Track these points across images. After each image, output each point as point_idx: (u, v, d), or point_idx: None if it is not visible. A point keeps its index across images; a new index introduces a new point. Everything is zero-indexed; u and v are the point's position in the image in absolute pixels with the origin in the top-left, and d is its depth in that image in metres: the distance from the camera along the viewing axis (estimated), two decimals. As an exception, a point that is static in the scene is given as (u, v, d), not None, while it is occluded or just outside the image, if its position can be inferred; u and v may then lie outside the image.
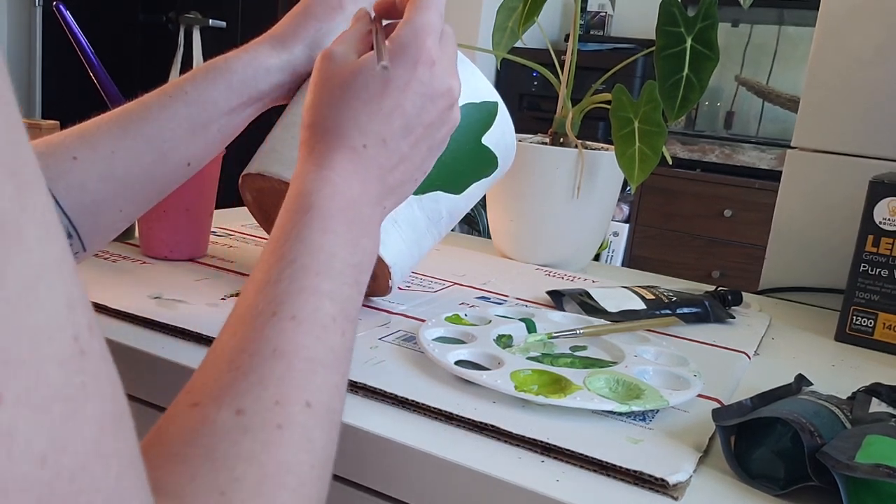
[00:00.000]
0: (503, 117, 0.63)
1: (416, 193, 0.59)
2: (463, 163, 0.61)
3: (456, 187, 0.62)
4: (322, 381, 0.35)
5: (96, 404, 0.20)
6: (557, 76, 0.88)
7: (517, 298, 0.72)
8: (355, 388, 0.48)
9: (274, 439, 0.30)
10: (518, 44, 0.90)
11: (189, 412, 0.31)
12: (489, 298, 0.71)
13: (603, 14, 3.04)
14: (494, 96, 0.62)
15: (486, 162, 0.63)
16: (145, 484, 0.22)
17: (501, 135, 0.63)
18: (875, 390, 0.49)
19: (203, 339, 0.54)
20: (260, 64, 0.58)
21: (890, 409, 0.46)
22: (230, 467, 0.29)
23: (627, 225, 2.76)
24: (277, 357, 0.34)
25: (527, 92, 2.79)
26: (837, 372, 0.63)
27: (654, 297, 0.70)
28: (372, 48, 0.46)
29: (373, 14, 0.51)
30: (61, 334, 0.19)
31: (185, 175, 0.57)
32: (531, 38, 0.99)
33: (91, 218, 0.53)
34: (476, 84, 0.60)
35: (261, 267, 0.39)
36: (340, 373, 0.37)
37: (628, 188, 1.59)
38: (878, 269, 0.68)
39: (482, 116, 0.61)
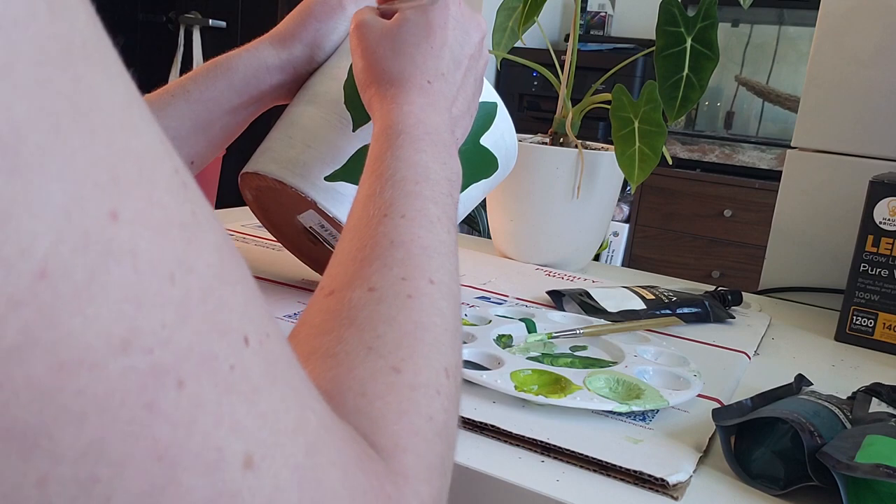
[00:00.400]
0: (502, 118, 0.62)
1: None
2: (462, 165, 0.61)
3: None
4: (439, 264, 0.37)
5: (210, 234, 0.19)
6: (557, 76, 0.88)
7: (517, 298, 0.72)
8: (355, 387, 0.48)
9: (406, 305, 0.33)
10: (518, 44, 0.90)
11: (325, 300, 0.34)
12: (489, 298, 0.71)
13: (603, 14, 3.04)
14: (493, 97, 0.62)
15: (485, 163, 0.63)
16: (272, 316, 0.22)
17: (501, 136, 0.63)
18: (875, 390, 0.49)
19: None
20: (261, 62, 0.59)
21: (890, 409, 0.46)
22: (372, 328, 0.31)
23: (627, 225, 2.76)
24: (396, 246, 0.36)
25: (527, 92, 2.78)
26: (837, 372, 0.63)
27: (654, 297, 0.70)
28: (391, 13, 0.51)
29: None
30: (163, 163, 0.18)
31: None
32: (531, 38, 0.99)
33: None
34: None
35: (363, 187, 0.42)
36: (453, 261, 0.39)
37: (628, 188, 1.59)
38: (878, 269, 0.68)
39: (480, 116, 0.61)
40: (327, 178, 0.56)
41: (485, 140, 0.62)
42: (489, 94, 0.62)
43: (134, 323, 0.16)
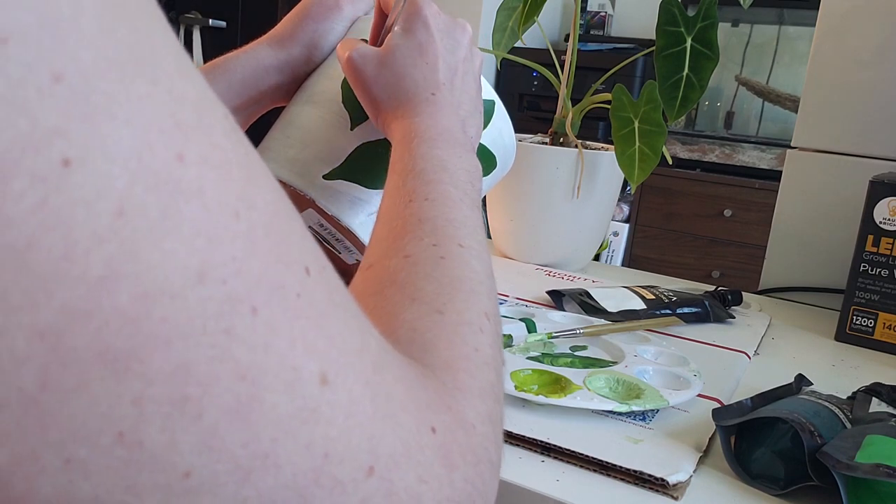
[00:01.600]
0: (500, 117, 0.62)
1: None
2: None
3: None
4: (466, 232, 0.39)
5: (263, 173, 0.21)
6: (557, 76, 0.88)
7: (517, 298, 0.72)
8: (355, 387, 0.48)
9: (441, 265, 0.35)
10: (518, 44, 0.90)
11: (366, 272, 0.36)
12: (489, 298, 0.71)
13: (603, 14, 3.04)
14: (491, 95, 0.62)
15: (484, 160, 0.63)
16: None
17: (499, 134, 0.63)
18: (875, 390, 0.49)
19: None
20: (259, 64, 0.59)
21: (890, 409, 0.46)
22: (411, 283, 0.33)
23: (627, 225, 2.76)
24: (423, 222, 0.38)
25: (527, 92, 2.78)
26: (837, 372, 0.63)
27: (654, 297, 0.70)
28: (376, 39, 0.54)
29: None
30: (215, 108, 0.20)
31: None
32: (531, 38, 0.99)
33: None
34: None
35: (387, 186, 0.44)
36: (480, 233, 0.41)
37: (628, 188, 1.59)
38: (878, 269, 0.68)
39: None
40: (326, 177, 0.56)
41: (483, 138, 0.62)
42: (487, 92, 0.62)
43: (207, 256, 0.18)
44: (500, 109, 0.62)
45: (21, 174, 0.15)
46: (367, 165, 0.57)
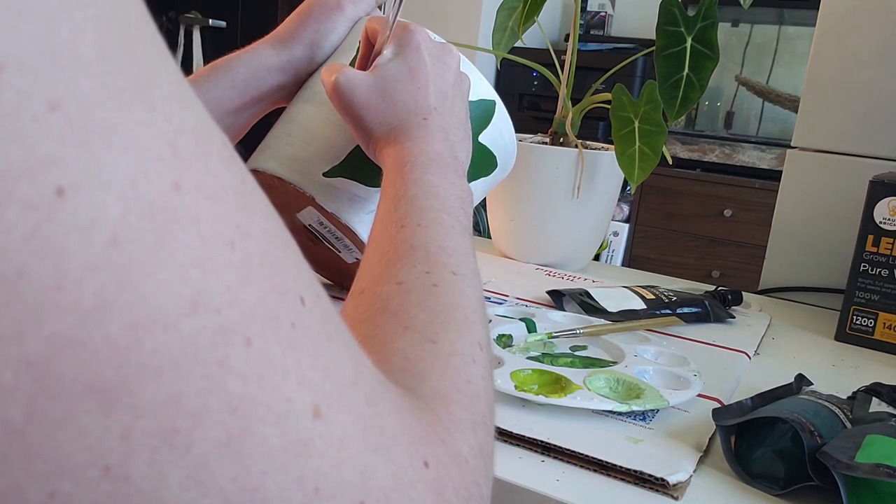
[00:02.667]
0: (501, 117, 0.63)
1: None
2: None
3: None
4: (458, 260, 0.39)
5: (259, 202, 0.21)
6: (557, 76, 0.88)
7: (517, 298, 0.72)
8: (355, 387, 0.48)
9: (433, 293, 0.35)
10: (518, 44, 0.90)
11: (357, 298, 0.36)
12: (489, 298, 0.71)
13: (603, 14, 3.04)
14: (492, 95, 0.62)
15: (484, 160, 0.63)
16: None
17: (499, 133, 0.63)
18: (875, 390, 0.49)
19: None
20: (261, 64, 0.59)
21: (890, 409, 0.46)
22: (404, 311, 0.33)
23: (627, 225, 2.76)
24: (415, 248, 0.38)
25: (527, 92, 2.78)
26: (837, 372, 0.63)
27: (654, 297, 0.70)
28: (364, 67, 0.54)
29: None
30: (213, 135, 0.19)
31: None
32: (531, 38, 0.99)
33: None
34: (474, 83, 0.61)
35: (379, 212, 0.44)
36: (472, 260, 0.40)
37: (628, 188, 1.59)
38: (878, 269, 0.68)
39: (479, 114, 0.61)
40: (325, 174, 0.57)
41: (483, 138, 0.62)
42: (487, 91, 0.62)
43: (201, 286, 0.18)
44: (500, 109, 0.62)
45: (14, 203, 0.15)
46: (367, 164, 0.57)
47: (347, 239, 0.59)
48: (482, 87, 0.61)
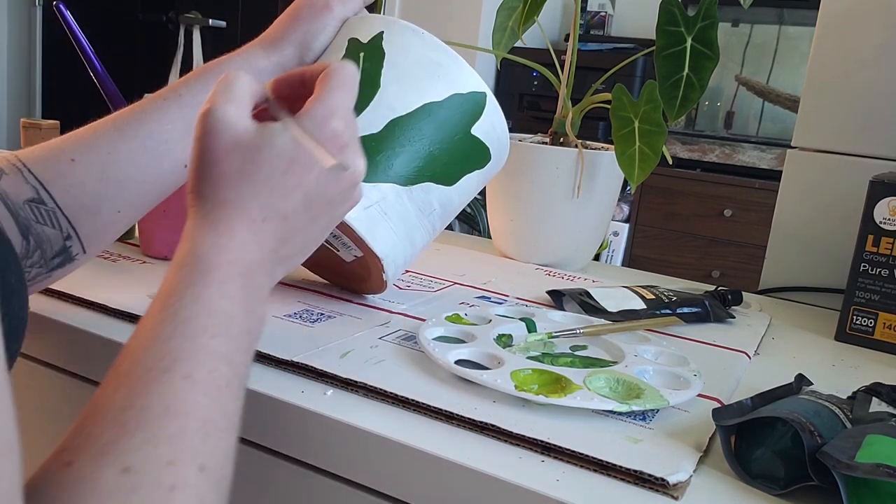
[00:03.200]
0: (492, 109, 0.63)
1: (405, 184, 0.59)
2: (452, 154, 0.61)
3: (447, 178, 0.62)
4: (216, 444, 0.34)
5: None
6: (557, 76, 0.88)
7: (517, 298, 0.72)
8: (355, 387, 0.48)
9: (167, 499, 0.29)
10: (518, 44, 0.90)
11: (65, 472, 0.29)
12: (489, 298, 0.71)
13: (603, 14, 3.04)
14: (482, 87, 0.62)
15: (477, 153, 0.63)
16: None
17: (491, 126, 0.63)
18: (875, 390, 0.49)
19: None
20: (252, 66, 0.59)
21: (890, 409, 0.46)
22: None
23: (627, 225, 2.76)
24: (171, 415, 0.33)
25: (527, 92, 2.78)
26: (837, 372, 0.63)
27: (654, 297, 0.70)
28: (270, 118, 0.45)
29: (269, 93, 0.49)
30: None
31: (183, 177, 0.58)
32: (531, 38, 0.99)
33: (90, 219, 0.53)
34: (462, 75, 0.61)
35: (148, 323, 0.37)
36: (232, 440, 0.36)
37: (628, 188, 1.59)
38: (878, 269, 0.68)
39: (470, 107, 0.61)
40: None
41: (476, 130, 0.62)
42: (478, 84, 0.62)
43: None
44: (491, 102, 0.63)
45: None
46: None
47: (346, 237, 0.59)
48: (472, 80, 0.61)
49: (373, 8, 0.67)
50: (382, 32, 0.61)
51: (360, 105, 0.58)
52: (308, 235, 0.46)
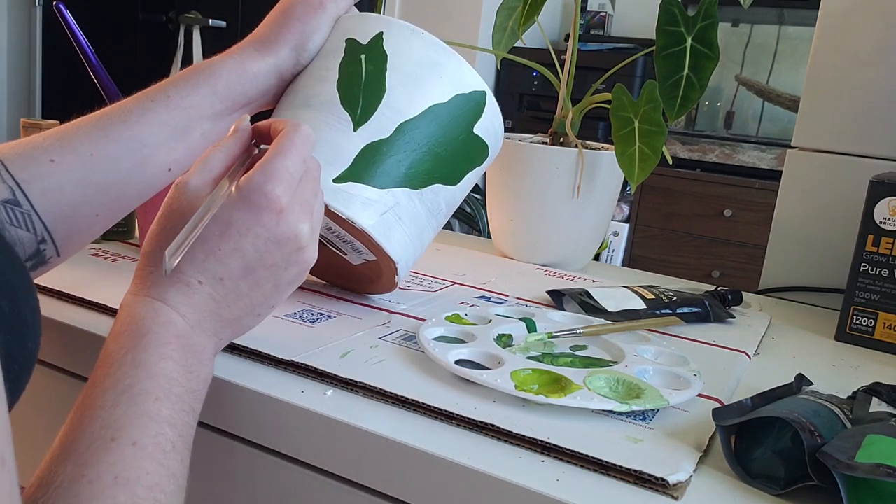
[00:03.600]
0: (491, 106, 0.63)
1: (416, 187, 0.59)
2: (458, 154, 0.61)
3: (453, 179, 0.62)
4: None
5: None
6: (557, 76, 0.88)
7: (517, 298, 0.72)
8: (355, 387, 0.48)
9: None
10: (518, 44, 0.90)
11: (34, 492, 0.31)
12: (489, 298, 0.71)
13: (603, 14, 3.04)
14: (482, 86, 0.62)
15: (478, 151, 0.64)
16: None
17: (490, 123, 0.63)
18: (875, 390, 0.49)
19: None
20: (246, 69, 0.57)
21: (890, 409, 0.46)
22: None
23: (627, 225, 2.76)
24: (120, 485, 0.33)
25: (527, 92, 2.78)
26: (837, 372, 0.63)
27: (654, 297, 0.70)
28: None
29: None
30: None
31: (165, 180, 0.56)
32: (531, 38, 0.99)
33: (67, 223, 0.51)
34: (463, 75, 0.61)
35: (92, 393, 0.38)
36: (181, 499, 0.37)
37: (628, 188, 1.59)
38: (878, 269, 0.68)
39: (472, 107, 0.61)
40: (335, 180, 0.56)
41: (477, 129, 0.62)
42: (478, 83, 0.62)
43: None
44: (490, 100, 0.63)
45: None
46: (375, 166, 0.57)
47: (358, 242, 0.59)
48: (473, 79, 0.61)
49: (372, 8, 0.66)
50: (382, 33, 0.60)
51: (368, 110, 0.58)
52: (252, 300, 0.46)
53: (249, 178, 0.45)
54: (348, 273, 0.66)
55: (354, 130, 0.57)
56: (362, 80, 0.59)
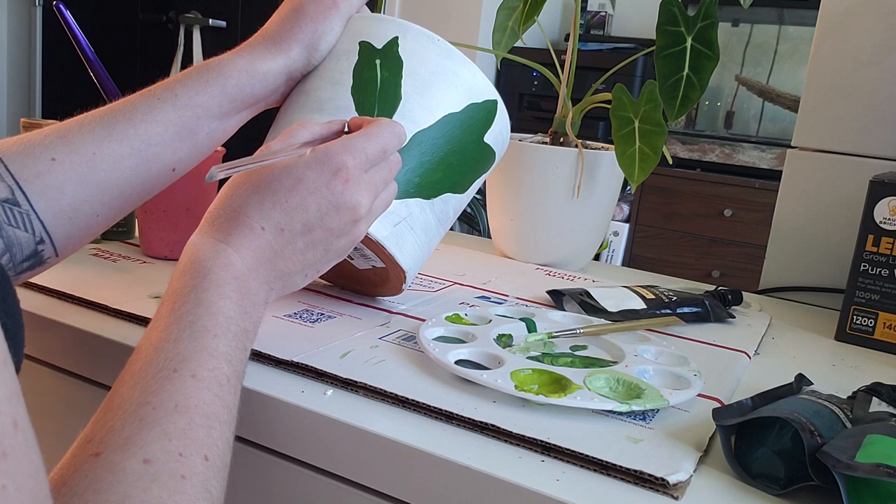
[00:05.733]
0: (501, 114, 0.63)
1: (428, 197, 0.59)
2: (468, 163, 0.61)
3: (462, 187, 0.62)
4: (218, 435, 0.38)
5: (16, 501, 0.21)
6: (557, 76, 0.88)
7: (517, 298, 0.72)
8: (355, 387, 0.48)
9: (179, 487, 0.33)
10: (518, 44, 0.90)
11: (93, 462, 0.33)
12: (489, 298, 0.71)
13: (603, 14, 3.04)
14: (494, 94, 0.62)
15: (487, 159, 0.64)
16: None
17: (500, 131, 0.63)
18: (875, 390, 0.49)
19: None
20: (256, 68, 0.56)
21: (890, 409, 0.46)
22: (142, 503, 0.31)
23: (627, 225, 2.76)
24: (180, 412, 0.36)
25: (527, 92, 2.78)
26: (837, 371, 0.63)
27: (654, 297, 0.70)
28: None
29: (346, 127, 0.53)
30: None
31: (168, 180, 0.56)
32: (531, 38, 0.99)
33: (66, 222, 0.50)
34: (477, 84, 0.61)
35: (158, 325, 0.41)
36: (232, 429, 0.40)
37: (628, 188, 1.59)
38: (878, 269, 0.68)
39: (484, 115, 0.61)
40: None
41: (487, 137, 0.62)
42: (490, 91, 0.62)
43: None
44: (501, 108, 0.63)
45: None
46: None
47: (369, 249, 0.58)
48: (485, 88, 0.61)
49: (373, 8, 0.66)
50: (397, 38, 0.59)
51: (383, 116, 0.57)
52: (305, 257, 0.49)
53: (329, 145, 0.48)
54: (352, 276, 0.65)
55: None
56: (377, 87, 0.58)
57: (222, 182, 0.50)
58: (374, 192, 0.50)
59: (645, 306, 0.69)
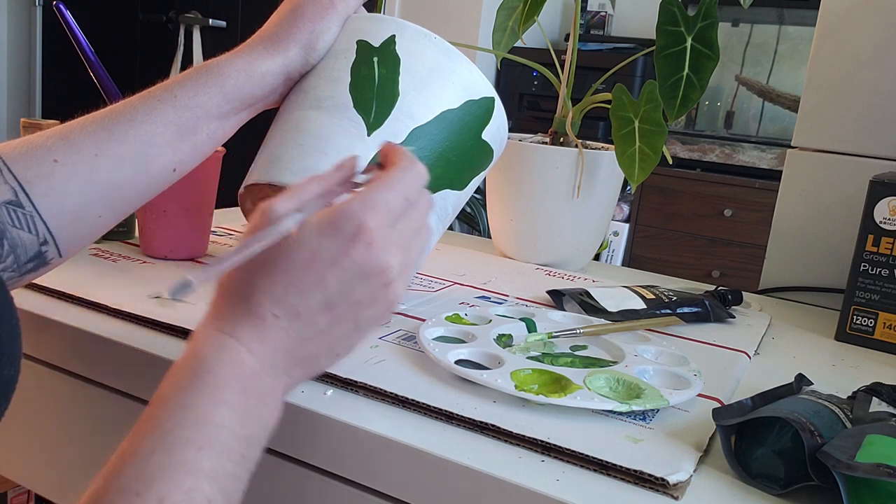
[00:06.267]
0: (499, 111, 0.63)
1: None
2: (466, 160, 0.61)
3: (460, 184, 0.62)
4: None
5: None
6: (557, 76, 0.88)
7: (517, 298, 0.72)
8: (355, 387, 0.48)
9: None
10: (518, 44, 0.90)
11: None
12: (489, 298, 0.71)
13: (603, 14, 3.04)
14: (491, 91, 0.62)
15: (485, 156, 0.64)
16: None
17: (497, 129, 0.63)
18: (875, 390, 0.49)
19: (203, 339, 0.54)
20: (255, 69, 0.57)
21: (890, 409, 0.46)
22: None
23: (627, 225, 2.76)
24: None
25: (527, 92, 2.78)
26: (837, 371, 0.63)
27: (654, 297, 0.70)
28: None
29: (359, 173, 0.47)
30: None
31: (169, 180, 0.56)
32: (531, 37, 0.99)
33: (69, 223, 0.50)
34: (474, 81, 0.61)
35: (133, 434, 0.36)
36: None
37: (628, 188, 1.59)
38: (878, 269, 0.68)
39: (481, 112, 0.61)
40: None
41: (485, 134, 0.62)
42: (488, 88, 0.62)
43: None
44: (498, 106, 0.63)
45: None
46: None
47: None
48: (483, 85, 0.61)
49: (373, 8, 0.66)
50: (395, 36, 0.59)
51: (381, 114, 0.57)
52: (330, 338, 0.42)
53: (344, 205, 0.41)
54: None
55: (368, 135, 0.57)
56: (375, 84, 0.58)
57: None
58: (405, 247, 0.43)
59: (645, 306, 0.69)
